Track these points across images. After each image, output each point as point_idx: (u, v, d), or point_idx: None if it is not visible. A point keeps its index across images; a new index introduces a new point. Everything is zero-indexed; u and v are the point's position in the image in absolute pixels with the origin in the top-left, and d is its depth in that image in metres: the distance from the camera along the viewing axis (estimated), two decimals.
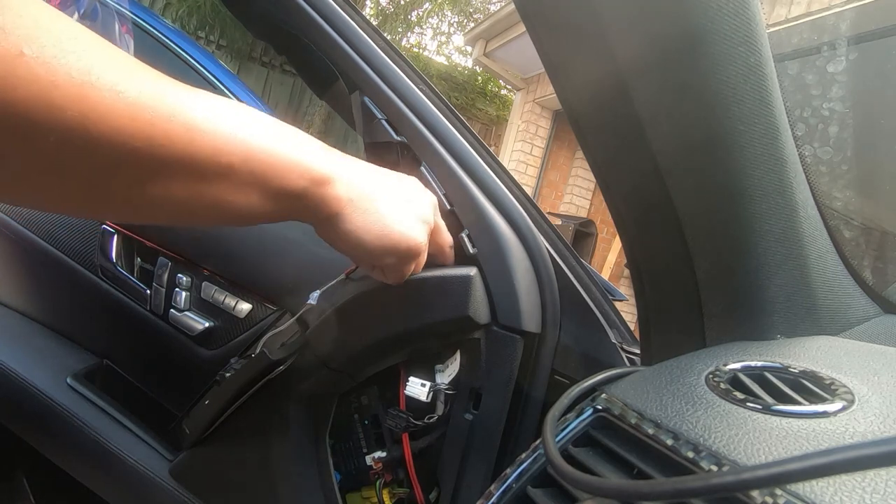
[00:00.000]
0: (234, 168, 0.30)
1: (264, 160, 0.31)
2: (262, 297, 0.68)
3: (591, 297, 0.51)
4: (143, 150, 0.25)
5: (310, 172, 0.34)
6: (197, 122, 0.27)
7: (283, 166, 0.32)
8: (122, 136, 0.25)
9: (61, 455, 0.72)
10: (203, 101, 0.29)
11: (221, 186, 0.30)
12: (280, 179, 0.32)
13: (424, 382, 0.51)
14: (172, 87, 0.27)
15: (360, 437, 0.60)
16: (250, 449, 0.64)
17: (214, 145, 0.28)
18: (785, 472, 0.18)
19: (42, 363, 0.73)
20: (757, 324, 0.38)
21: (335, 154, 0.37)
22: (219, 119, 0.29)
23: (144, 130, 0.25)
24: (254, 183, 0.31)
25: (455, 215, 0.51)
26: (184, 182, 0.28)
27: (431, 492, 0.55)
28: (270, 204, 0.33)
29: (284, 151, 0.32)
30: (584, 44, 0.34)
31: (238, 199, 0.31)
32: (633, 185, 0.39)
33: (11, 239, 0.79)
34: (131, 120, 0.25)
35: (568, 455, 0.30)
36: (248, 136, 0.30)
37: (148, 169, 0.27)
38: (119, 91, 0.24)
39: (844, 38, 0.96)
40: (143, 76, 0.26)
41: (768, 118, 0.33)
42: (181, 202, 0.29)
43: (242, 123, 0.30)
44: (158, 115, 0.26)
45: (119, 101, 0.24)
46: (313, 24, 0.54)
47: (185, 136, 0.27)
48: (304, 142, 0.34)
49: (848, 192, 0.70)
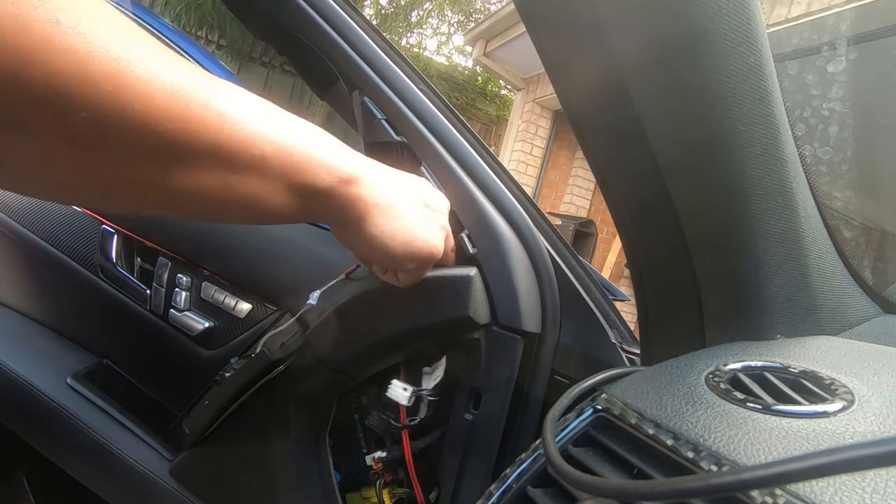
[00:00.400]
0: (265, 160, 0.30)
1: (295, 154, 0.31)
2: (262, 297, 0.68)
3: (591, 297, 0.51)
4: (176, 133, 0.25)
5: (338, 171, 0.34)
6: (231, 111, 0.27)
7: (313, 162, 0.32)
8: (156, 118, 0.24)
9: (61, 455, 0.72)
10: (237, 93, 0.29)
11: (251, 179, 0.30)
12: (309, 175, 0.32)
13: (406, 387, 0.51)
14: (206, 77, 0.27)
15: (360, 437, 0.60)
16: (250, 449, 0.64)
17: (246, 136, 0.28)
18: (785, 472, 0.18)
19: (42, 363, 0.73)
20: (757, 324, 0.38)
21: (360, 156, 0.37)
22: (251, 111, 0.29)
23: (179, 114, 0.25)
24: (283, 177, 0.31)
25: (455, 215, 0.51)
26: (214, 171, 0.28)
27: (431, 492, 0.55)
28: (297, 200, 0.33)
29: (314, 148, 0.32)
30: (584, 44, 0.34)
31: (266, 194, 0.31)
32: (633, 185, 0.39)
33: (11, 239, 0.79)
34: (167, 101, 0.24)
35: (568, 455, 0.30)
36: (279, 131, 0.30)
37: (179, 154, 0.26)
38: (155, 71, 0.24)
39: (844, 38, 0.96)
40: (178, 63, 0.26)
41: (768, 118, 0.33)
42: (210, 193, 0.29)
43: (273, 119, 0.30)
44: (194, 100, 0.25)
45: (155, 81, 0.24)
46: (313, 24, 0.54)
47: (218, 124, 0.27)
48: (332, 142, 0.35)
49: (848, 192, 0.70)
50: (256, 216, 0.32)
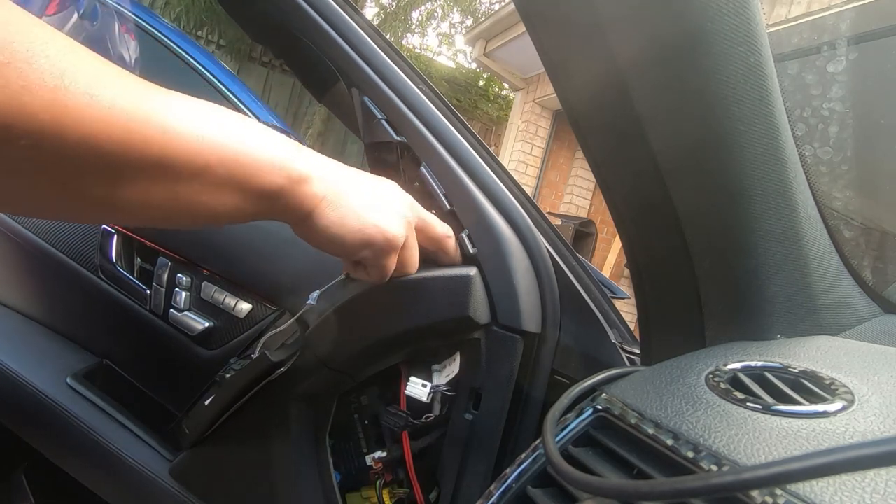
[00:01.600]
0: (210, 168, 0.30)
1: (241, 160, 0.31)
2: (261, 297, 0.68)
3: (591, 297, 0.51)
4: (118, 153, 0.26)
5: (286, 171, 0.34)
6: (173, 124, 0.28)
7: (260, 166, 0.32)
8: (97, 140, 0.24)
9: (61, 455, 0.72)
10: (178, 103, 0.29)
11: (199, 187, 0.30)
12: (257, 179, 0.32)
13: (426, 383, 0.51)
14: (146, 91, 0.27)
15: (360, 437, 0.60)
16: (250, 449, 0.64)
17: (190, 147, 0.28)
18: (785, 472, 0.18)
19: (42, 363, 0.73)
20: (757, 324, 0.38)
21: (314, 155, 0.37)
22: (195, 121, 0.29)
23: (119, 134, 0.25)
24: (231, 183, 0.31)
25: (455, 215, 0.51)
26: (161, 184, 0.28)
27: (431, 492, 0.55)
28: (248, 203, 0.33)
29: (261, 151, 0.32)
30: (584, 44, 0.34)
31: (216, 200, 0.31)
32: (633, 185, 0.39)
33: (11, 239, 0.79)
34: (106, 125, 0.25)
35: (568, 455, 0.30)
36: (224, 137, 0.30)
37: (124, 171, 0.27)
38: (93, 95, 0.24)
39: (844, 38, 0.96)
40: (118, 80, 0.26)
41: (768, 118, 0.33)
42: (159, 204, 0.29)
43: (218, 124, 0.30)
44: (133, 119, 0.26)
45: (93, 106, 0.24)
46: (313, 24, 0.54)
47: (161, 139, 0.27)
48: (280, 141, 0.34)
49: (848, 192, 0.70)
50: (209, 220, 0.33)
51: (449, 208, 0.51)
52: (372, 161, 0.57)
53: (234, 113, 0.33)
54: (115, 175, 0.27)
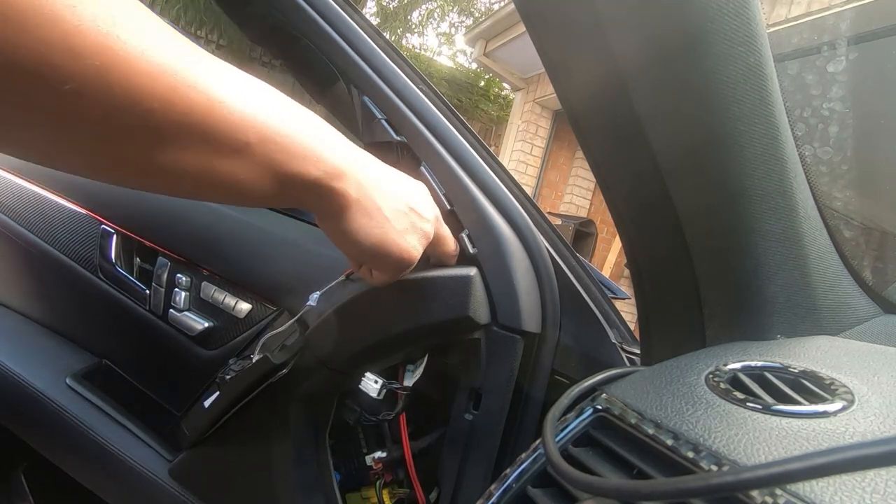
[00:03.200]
0: (250, 147, 0.29)
1: (281, 144, 0.31)
2: (261, 297, 0.68)
3: (591, 297, 0.51)
4: (160, 114, 0.25)
5: (324, 164, 0.33)
6: (219, 95, 0.27)
7: (299, 153, 0.32)
8: (141, 97, 0.24)
9: (61, 455, 0.72)
10: (229, 74, 0.28)
11: (235, 163, 0.29)
12: (293, 166, 0.32)
13: (378, 379, 0.52)
14: (199, 56, 0.27)
15: (360, 437, 0.60)
16: (250, 449, 0.64)
17: (233, 121, 0.28)
18: (785, 472, 0.18)
19: (41, 363, 0.73)
20: (757, 324, 0.38)
21: (352, 148, 0.37)
22: (242, 96, 0.28)
23: (164, 95, 0.25)
24: (267, 165, 0.31)
25: (455, 215, 0.51)
26: (198, 153, 0.28)
27: (431, 492, 0.55)
28: (279, 188, 0.32)
29: (302, 138, 0.32)
30: (584, 44, 0.34)
31: (248, 179, 0.31)
32: (633, 185, 0.39)
33: (11, 239, 0.79)
34: (152, 81, 0.24)
35: (568, 455, 0.30)
36: (268, 118, 0.30)
37: (163, 134, 0.26)
38: (144, 49, 0.23)
39: (844, 38, 0.96)
40: (171, 40, 0.25)
41: (768, 118, 0.33)
42: (192, 173, 0.29)
43: (265, 104, 0.30)
44: (181, 82, 0.25)
45: (143, 60, 0.23)
46: (313, 24, 0.54)
47: (205, 108, 0.26)
48: (323, 131, 0.34)
49: (848, 192, 0.70)
50: (236, 198, 0.32)
51: (449, 208, 0.51)
52: None
53: (281, 94, 0.32)
54: (154, 137, 0.26)
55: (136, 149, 0.26)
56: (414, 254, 0.41)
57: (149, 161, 0.27)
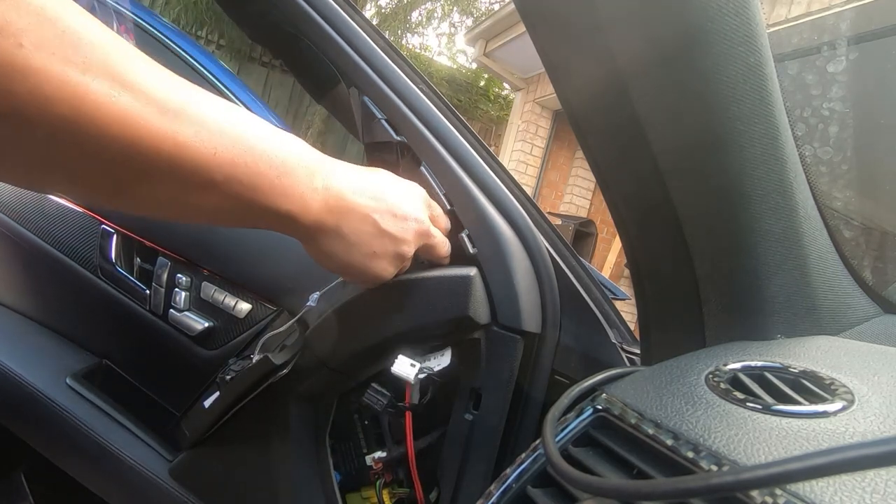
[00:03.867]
0: (217, 185, 0.30)
1: (248, 183, 0.32)
2: (261, 297, 0.68)
3: (591, 297, 0.51)
4: (130, 155, 0.26)
5: (292, 199, 0.34)
6: (188, 134, 0.28)
7: (266, 189, 0.33)
8: (111, 141, 0.25)
9: (61, 455, 0.72)
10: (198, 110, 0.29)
11: (204, 197, 0.31)
12: (261, 200, 0.33)
13: (414, 363, 0.50)
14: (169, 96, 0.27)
15: (360, 437, 0.60)
16: (250, 449, 0.64)
17: (201, 161, 0.29)
18: (785, 472, 0.18)
19: (41, 363, 0.73)
20: (757, 324, 0.38)
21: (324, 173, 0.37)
22: (210, 137, 0.29)
23: (133, 139, 0.26)
24: (235, 199, 0.32)
25: (455, 215, 0.51)
26: (168, 188, 0.29)
27: (431, 492, 0.55)
28: (251, 217, 0.34)
29: (270, 173, 0.33)
30: (584, 44, 0.34)
31: (222, 209, 0.32)
32: (633, 186, 0.39)
33: (11, 239, 0.79)
34: (121, 127, 0.25)
35: (568, 455, 0.30)
36: (235, 153, 0.30)
37: (134, 172, 0.27)
38: (113, 95, 0.24)
39: (844, 38, 0.96)
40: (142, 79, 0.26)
41: (768, 118, 0.33)
42: (165, 203, 0.30)
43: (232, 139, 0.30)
44: (148, 126, 0.26)
45: (112, 106, 0.24)
46: (313, 24, 0.54)
47: (171, 150, 0.27)
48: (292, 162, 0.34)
49: (848, 192, 0.70)
50: (213, 223, 0.34)
51: (449, 208, 0.51)
52: (371, 161, 0.57)
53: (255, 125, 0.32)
54: (125, 175, 0.27)
55: (108, 183, 0.28)
56: (383, 275, 0.43)
57: (122, 192, 0.29)
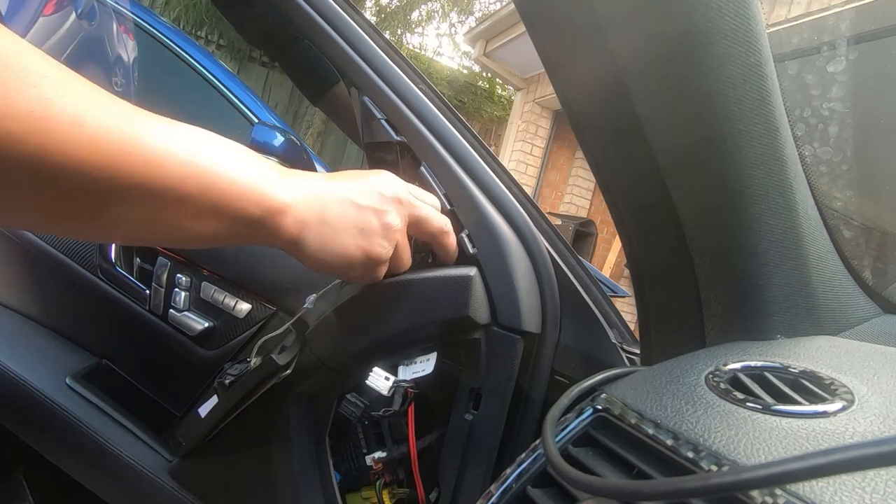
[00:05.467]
0: (191, 197, 0.31)
1: (221, 189, 0.32)
2: (261, 297, 0.68)
3: (591, 297, 0.51)
4: (103, 180, 0.27)
5: (266, 202, 0.35)
6: (156, 153, 0.29)
7: (240, 196, 0.33)
8: (82, 168, 0.26)
9: (61, 455, 0.72)
10: (162, 131, 0.30)
11: (180, 213, 0.31)
12: (236, 208, 0.33)
13: (388, 376, 0.51)
14: (131, 119, 0.28)
15: (360, 437, 0.60)
16: (250, 449, 0.64)
17: (172, 176, 0.30)
18: (785, 472, 0.18)
19: (41, 363, 0.73)
20: (757, 324, 0.38)
21: (292, 179, 0.38)
22: (177, 149, 0.30)
23: (104, 163, 0.26)
24: (211, 210, 0.32)
25: (455, 215, 0.51)
26: (144, 208, 0.30)
27: (431, 492, 0.55)
28: (228, 230, 0.34)
29: (241, 181, 0.33)
30: (584, 44, 0.34)
31: (198, 225, 0.32)
32: (633, 186, 0.39)
33: (11, 239, 0.79)
34: (90, 153, 0.26)
35: (568, 455, 0.30)
36: (206, 166, 0.31)
37: (108, 196, 0.28)
38: (79, 124, 0.25)
39: (844, 38, 0.96)
40: (104, 108, 0.27)
41: (768, 118, 0.33)
42: (142, 225, 0.31)
43: (200, 153, 0.31)
44: (118, 148, 0.27)
45: (79, 135, 0.25)
46: (313, 24, 0.54)
47: (143, 168, 0.28)
48: (261, 171, 0.35)
49: (848, 192, 0.70)
50: (191, 242, 0.34)
51: (449, 208, 0.51)
52: (372, 161, 0.57)
53: (217, 140, 0.34)
54: (99, 199, 0.28)
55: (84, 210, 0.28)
56: (378, 251, 0.41)
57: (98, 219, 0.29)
